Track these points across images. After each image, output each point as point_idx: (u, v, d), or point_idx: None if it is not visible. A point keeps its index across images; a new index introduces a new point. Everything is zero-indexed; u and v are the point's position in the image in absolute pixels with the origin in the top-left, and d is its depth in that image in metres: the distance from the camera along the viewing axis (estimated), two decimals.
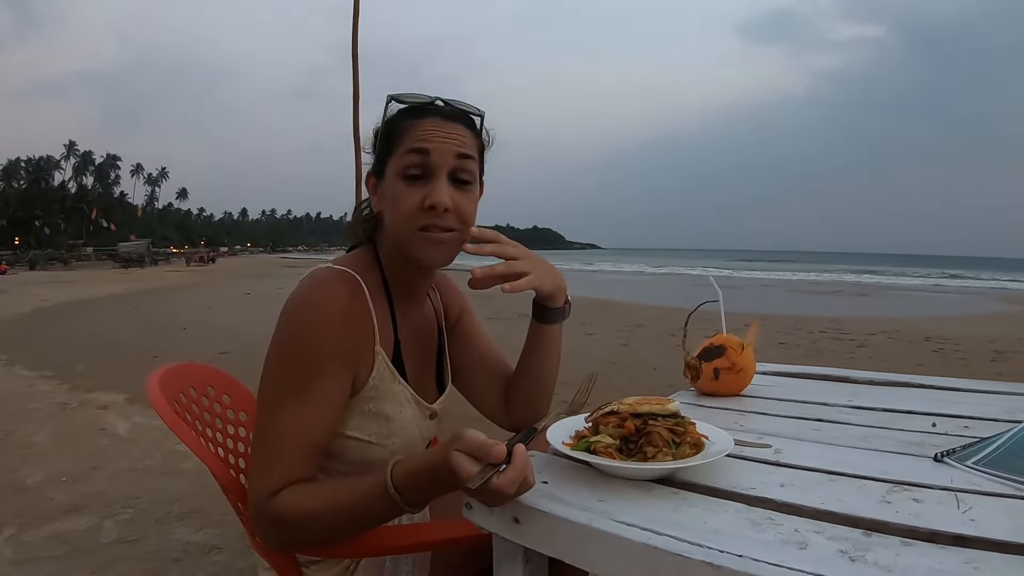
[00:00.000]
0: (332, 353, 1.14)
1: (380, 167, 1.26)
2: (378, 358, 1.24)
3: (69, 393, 6.00)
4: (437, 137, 1.20)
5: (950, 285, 31.15)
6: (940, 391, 1.70)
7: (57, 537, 3.01)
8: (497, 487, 0.89)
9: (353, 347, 1.19)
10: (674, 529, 0.85)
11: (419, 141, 1.19)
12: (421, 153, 1.19)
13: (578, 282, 30.28)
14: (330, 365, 1.14)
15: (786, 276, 40.47)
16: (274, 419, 1.12)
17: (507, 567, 1.02)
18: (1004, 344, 9.27)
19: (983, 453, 1.13)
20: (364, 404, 1.24)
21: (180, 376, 1.58)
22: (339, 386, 1.17)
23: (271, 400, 1.14)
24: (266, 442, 1.12)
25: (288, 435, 1.11)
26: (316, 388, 1.13)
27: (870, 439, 1.26)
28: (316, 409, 1.13)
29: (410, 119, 1.23)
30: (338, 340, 1.15)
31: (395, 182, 1.20)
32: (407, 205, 1.19)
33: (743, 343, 1.66)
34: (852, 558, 0.76)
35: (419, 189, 1.19)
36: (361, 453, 1.26)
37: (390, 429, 1.28)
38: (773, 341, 9.23)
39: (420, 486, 1.00)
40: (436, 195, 1.18)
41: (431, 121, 1.22)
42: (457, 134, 1.23)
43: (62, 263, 52.86)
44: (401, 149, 1.20)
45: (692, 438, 1.08)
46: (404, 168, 1.19)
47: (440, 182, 1.20)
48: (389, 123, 1.25)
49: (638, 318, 12.62)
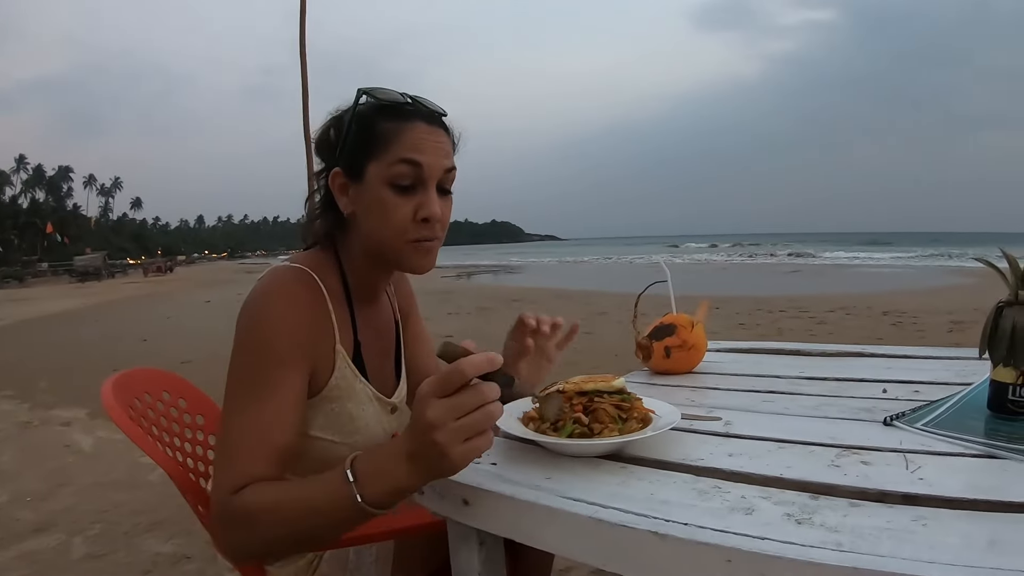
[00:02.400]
0: (290, 350, 1.13)
1: (356, 169, 1.21)
2: (339, 358, 1.24)
3: (31, 412, 5.88)
4: (428, 149, 1.19)
5: (907, 260, 31.57)
6: (892, 359, 1.73)
7: (25, 557, 2.97)
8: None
9: (312, 345, 1.18)
10: (621, 502, 0.86)
11: (411, 152, 1.18)
12: (413, 165, 1.18)
13: (539, 273, 30.34)
14: (287, 361, 1.13)
15: (743, 258, 40.80)
16: (234, 417, 1.10)
17: (463, 551, 1.03)
18: (961, 315, 9.42)
19: (933, 415, 1.16)
20: (327, 404, 1.24)
21: (134, 382, 1.56)
22: (299, 381, 1.15)
23: (232, 398, 1.12)
24: (228, 440, 1.09)
25: (248, 432, 1.08)
26: (273, 384, 1.11)
27: (821, 408, 1.29)
28: (276, 406, 1.11)
29: (393, 122, 1.20)
30: (296, 337, 1.14)
31: (381, 190, 1.18)
32: (400, 217, 1.18)
33: (693, 321, 1.68)
34: (799, 520, 0.78)
35: (409, 200, 1.19)
36: (325, 452, 1.25)
37: (354, 427, 1.28)
38: (733, 323, 9.32)
39: (380, 464, 0.92)
40: (430, 208, 1.19)
41: (419, 128, 1.20)
42: (443, 144, 1.23)
43: (17, 280, 51.85)
44: (389, 156, 1.18)
45: (639, 413, 1.10)
46: (394, 177, 1.18)
47: (432, 194, 1.20)
48: (365, 121, 1.21)
49: (600, 306, 12.68)
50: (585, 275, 28.60)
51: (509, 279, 28.31)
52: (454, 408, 0.85)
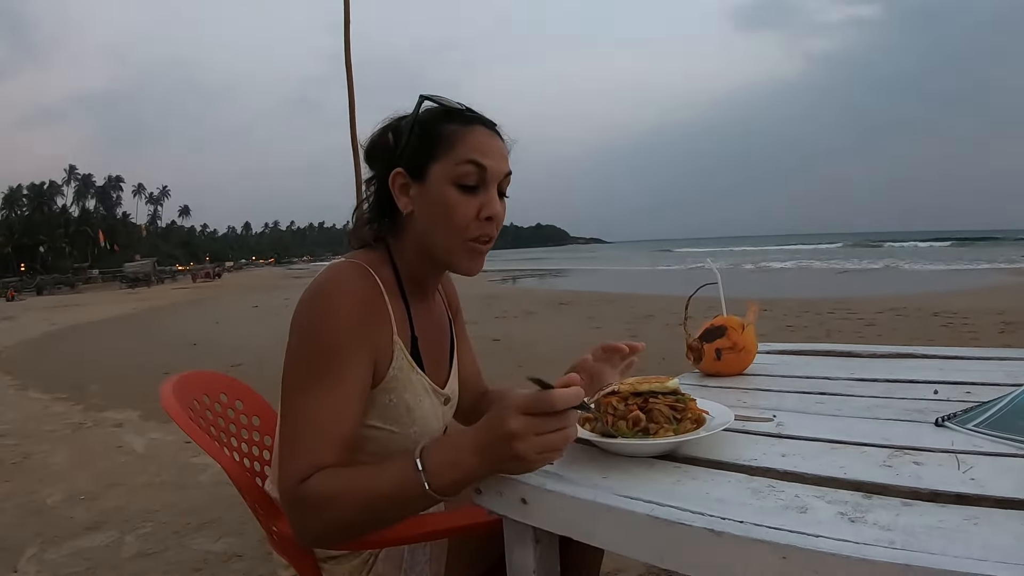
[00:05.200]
0: (352, 339, 1.15)
1: (419, 169, 1.24)
2: (396, 349, 1.25)
3: (83, 413, 6.03)
4: (491, 152, 1.23)
5: (957, 260, 30.95)
6: (943, 360, 1.71)
7: (79, 554, 3.04)
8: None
9: (372, 335, 1.20)
10: (677, 500, 0.87)
11: (477, 154, 1.21)
12: (479, 167, 1.21)
13: (585, 278, 30.25)
14: (350, 351, 1.15)
15: (791, 259, 40.27)
16: (299, 407, 1.13)
17: (518, 550, 1.04)
18: (1013, 315, 9.20)
19: (984, 416, 1.14)
20: (385, 395, 1.26)
21: (193, 384, 1.61)
22: (361, 372, 1.18)
23: (295, 389, 1.14)
24: (293, 431, 1.12)
25: (315, 421, 1.11)
26: (338, 374, 1.14)
27: (872, 409, 1.28)
28: (339, 395, 1.14)
29: (456, 125, 1.23)
30: (357, 326, 1.16)
31: (446, 189, 1.21)
32: (463, 215, 1.22)
33: (743, 323, 1.68)
34: (852, 519, 0.78)
35: (473, 199, 1.22)
36: (384, 443, 1.28)
37: (411, 418, 1.29)
38: (781, 325, 9.21)
39: (449, 456, 1.00)
40: (493, 207, 1.23)
41: (481, 132, 1.24)
42: (503, 149, 1.28)
43: (69, 287, 53.03)
44: (455, 157, 1.21)
45: (693, 414, 1.10)
46: (459, 177, 1.21)
47: (494, 194, 1.24)
48: (428, 124, 1.24)
49: (646, 309, 12.60)
50: (630, 278, 28.49)
51: (555, 283, 28.33)
52: (537, 426, 0.93)
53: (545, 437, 0.93)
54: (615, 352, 1.47)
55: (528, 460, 0.94)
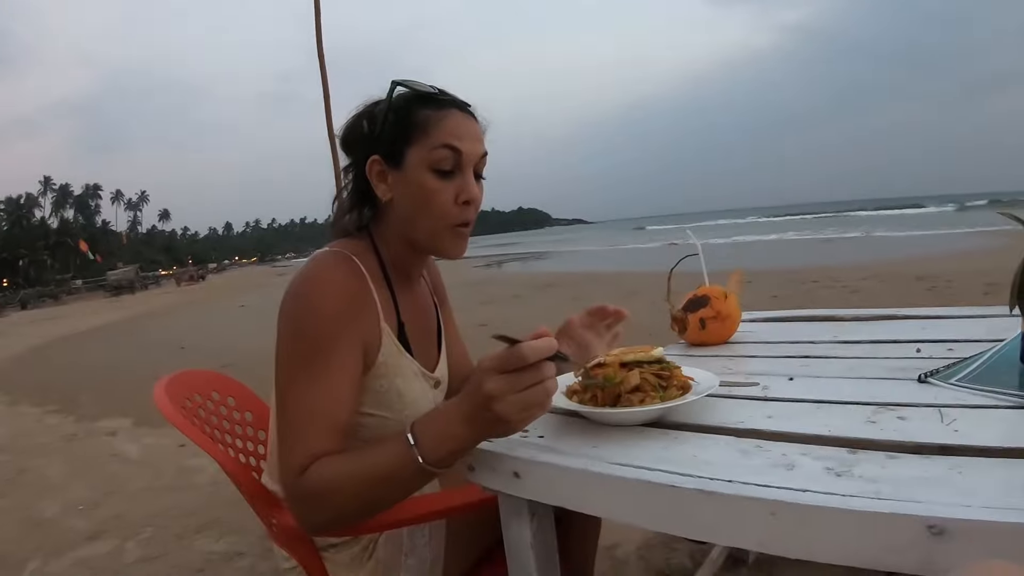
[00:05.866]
0: (340, 327, 1.16)
1: (396, 155, 1.25)
2: (384, 335, 1.26)
3: (76, 424, 5.99)
4: (466, 135, 1.24)
5: (938, 224, 30.98)
6: (925, 320, 1.73)
7: (81, 564, 3.04)
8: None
9: (359, 322, 1.20)
10: (667, 465, 0.89)
11: (452, 138, 1.22)
12: (454, 151, 1.22)
13: (568, 259, 30.23)
14: (339, 339, 1.16)
15: (773, 230, 40.29)
16: (293, 398, 1.13)
17: (514, 524, 1.06)
18: (996, 276, 9.22)
19: (967, 371, 1.16)
20: (376, 381, 1.26)
21: (185, 383, 1.61)
22: (351, 359, 1.18)
23: (288, 381, 1.15)
24: (289, 423, 1.12)
25: (310, 411, 1.12)
26: (329, 362, 1.14)
27: (856, 369, 1.29)
28: (332, 383, 1.14)
29: (430, 110, 1.24)
30: (344, 314, 1.17)
31: (423, 174, 1.22)
32: (443, 200, 1.23)
33: (726, 292, 1.70)
34: (838, 473, 0.80)
35: (450, 184, 1.23)
36: (377, 430, 1.28)
37: (402, 403, 1.30)
38: (766, 296, 9.24)
39: (438, 428, 1.00)
40: (471, 191, 1.24)
41: (455, 116, 1.25)
42: (477, 131, 1.28)
43: (53, 299, 52.59)
44: (430, 142, 1.22)
45: (678, 381, 1.12)
46: (436, 162, 1.22)
47: (470, 178, 1.25)
48: (402, 110, 1.25)
49: (631, 286, 12.60)
50: (614, 257, 28.47)
51: (539, 266, 28.27)
52: (513, 383, 0.92)
53: (523, 394, 0.92)
54: (601, 316, 1.49)
55: (511, 420, 0.93)
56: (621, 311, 1.50)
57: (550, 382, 0.94)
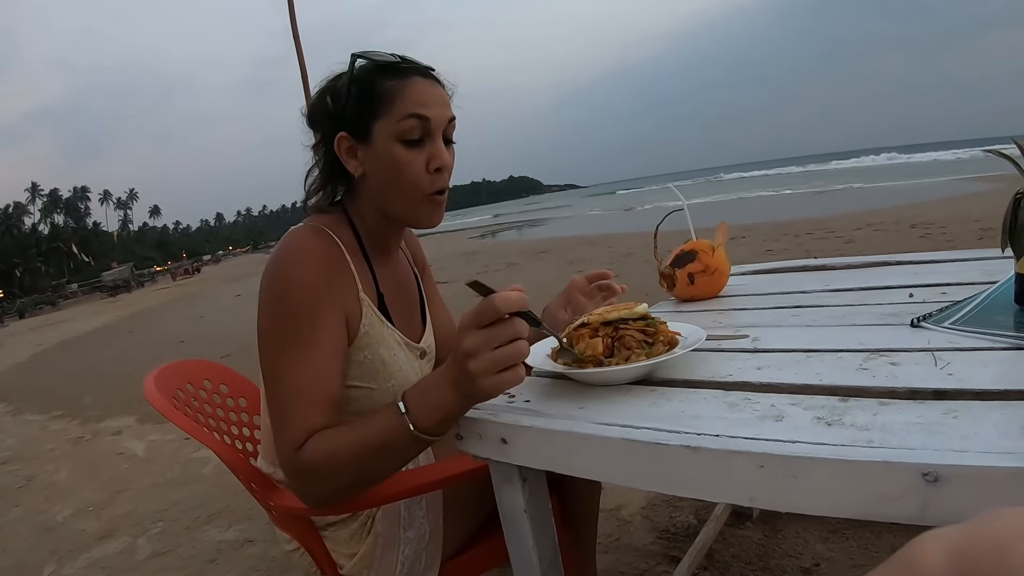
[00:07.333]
0: (319, 300, 1.15)
1: (363, 130, 1.23)
2: (364, 305, 1.25)
3: (81, 427, 6.03)
4: (431, 101, 1.22)
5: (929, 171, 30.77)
6: (918, 265, 1.71)
7: (95, 564, 3.07)
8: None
9: (338, 294, 1.20)
10: (652, 422, 0.87)
11: (417, 106, 1.20)
12: (421, 119, 1.20)
13: (562, 225, 30.17)
14: (320, 311, 1.15)
15: (765, 185, 40.11)
16: (281, 376, 1.13)
17: (506, 490, 1.05)
18: (990, 221, 9.20)
19: (960, 314, 1.14)
20: (359, 352, 1.26)
21: (175, 374, 1.61)
22: (334, 331, 1.18)
23: (273, 359, 1.14)
24: (280, 401, 1.12)
25: (300, 387, 1.11)
26: (312, 336, 1.14)
27: (848, 316, 1.28)
28: (318, 356, 1.14)
29: (393, 80, 1.22)
30: (323, 287, 1.16)
31: (392, 146, 1.21)
32: (414, 170, 1.22)
33: (714, 245, 1.68)
34: (829, 423, 0.78)
35: (420, 153, 1.22)
36: (365, 402, 1.28)
37: (387, 373, 1.30)
38: (760, 250, 9.25)
39: (428, 395, 0.99)
40: (442, 158, 1.23)
41: (419, 83, 1.23)
42: (443, 95, 1.26)
43: (50, 305, 52.63)
44: (396, 113, 1.20)
45: (665, 337, 1.10)
46: (403, 132, 1.20)
47: (440, 145, 1.24)
48: (364, 83, 1.23)
49: (624, 248, 12.63)
50: (607, 220, 28.40)
51: (533, 232, 28.14)
52: (489, 338, 0.91)
53: (496, 352, 0.90)
54: (600, 281, 1.49)
55: (485, 381, 0.92)
56: (615, 286, 1.50)
57: (522, 343, 0.92)
